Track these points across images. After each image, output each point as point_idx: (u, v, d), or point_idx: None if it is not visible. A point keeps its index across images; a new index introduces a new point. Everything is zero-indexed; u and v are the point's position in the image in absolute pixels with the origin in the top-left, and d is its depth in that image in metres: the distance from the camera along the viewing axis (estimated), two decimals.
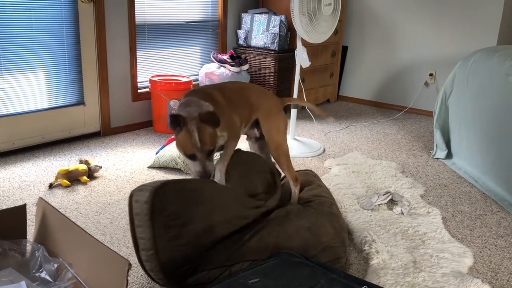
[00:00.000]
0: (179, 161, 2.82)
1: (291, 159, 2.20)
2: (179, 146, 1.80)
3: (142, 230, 1.58)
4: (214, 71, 3.90)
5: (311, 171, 2.47)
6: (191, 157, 1.77)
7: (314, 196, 2.15)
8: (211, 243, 1.67)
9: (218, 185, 1.82)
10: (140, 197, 1.59)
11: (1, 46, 2.83)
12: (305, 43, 3.24)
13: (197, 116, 1.73)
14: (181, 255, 1.61)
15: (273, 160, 2.22)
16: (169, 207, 1.60)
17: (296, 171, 2.37)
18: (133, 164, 2.94)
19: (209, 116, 1.73)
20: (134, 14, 3.47)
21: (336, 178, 2.82)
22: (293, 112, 3.34)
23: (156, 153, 3.00)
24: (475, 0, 4.08)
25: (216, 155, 2.02)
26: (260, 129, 2.16)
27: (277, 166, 2.20)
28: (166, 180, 1.67)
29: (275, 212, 1.92)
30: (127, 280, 1.35)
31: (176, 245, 1.59)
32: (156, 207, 1.57)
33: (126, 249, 1.98)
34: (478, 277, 1.89)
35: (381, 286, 1.66)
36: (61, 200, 2.41)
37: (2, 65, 2.86)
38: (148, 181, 2.67)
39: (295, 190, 2.17)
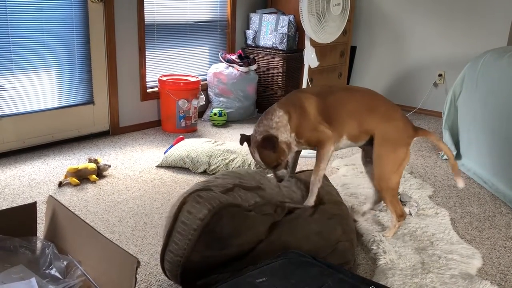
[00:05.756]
0: (187, 160, 2.83)
1: (299, 159, 2.19)
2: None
3: (182, 239, 1.57)
4: (222, 71, 3.91)
5: None
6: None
7: (321, 197, 2.14)
8: (233, 260, 1.69)
9: (265, 213, 1.82)
10: (196, 210, 1.58)
11: (12, 46, 2.86)
12: (313, 43, 3.24)
13: (258, 140, 1.91)
14: (203, 268, 1.62)
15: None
16: (218, 231, 1.60)
17: (304, 171, 2.37)
18: (142, 163, 2.96)
19: (266, 143, 1.88)
20: (143, 14, 3.49)
21: (344, 178, 2.82)
22: None
23: (165, 153, 3.02)
24: (485, 0, 4.05)
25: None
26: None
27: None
28: (226, 200, 1.67)
29: (284, 218, 1.92)
30: (136, 278, 1.36)
31: (206, 262, 1.61)
32: (208, 228, 1.57)
33: (135, 248, 1.99)
34: (487, 279, 1.87)
35: (388, 286, 1.66)
36: (70, 198, 2.43)
37: (13, 64, 2.89)
38: (158, 178, 2.69)
39: (395, 224, 2.08)
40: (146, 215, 2.29)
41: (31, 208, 1.78)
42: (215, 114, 3.82)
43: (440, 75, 4.41)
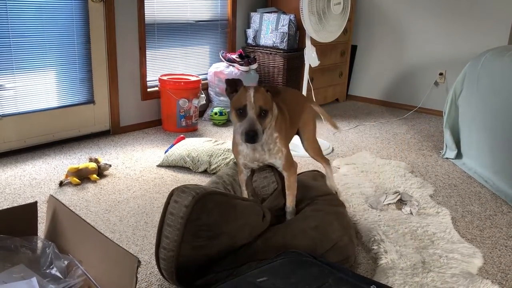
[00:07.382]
0: (188, 159, 2.83)
1: (300, 159, 2.21)
2: (233, 105, 1.78)
3: (171, 230, 1.57)
4: (223, 70, 3.91)
5: (318, 171, 2.46)
6: (242, 112, 1.74)
7: (318, 196, 2.15)
8: (227, 254, 1.68)
9: (253, 203, 1.83)
10: (181, 199, 1.58)
11: (13, 45, 2.86)
12: (314, 42, 3.23)
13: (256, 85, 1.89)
14: (198, 263, 1.62)
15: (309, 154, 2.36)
16: (205, 218, 1.60)
17: (304, 172, 2.38)
18: (142, 162, 2.96)
19: (269, 87, 1.83)
20: (144, 13, 3.49)
21: (344, 177, 2.81)
22: None
23: (165, 152, 3.02)
24: None
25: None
26: None
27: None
28: (212, 189, 1.67)
29: (279, 217, 1.93)
30: (136, 277, 1.36)
31: (198, 254, 1.60)
32: (194, 215, 1.57)
33: (135, 247, 1.99)
34: (487, 278, 1.87)
35: (389, 286, 1.65)
36: (71, 198, 2.43)
37: (13, 64, 2.89)
38: (158, 177, 2.69)
39: (331, 169, 2.37)
40: (146, 215, 2.29)
41: (32, 207, 1.78)
42: (215, 114, 3.82)
43: (441, 74, 4.41)
